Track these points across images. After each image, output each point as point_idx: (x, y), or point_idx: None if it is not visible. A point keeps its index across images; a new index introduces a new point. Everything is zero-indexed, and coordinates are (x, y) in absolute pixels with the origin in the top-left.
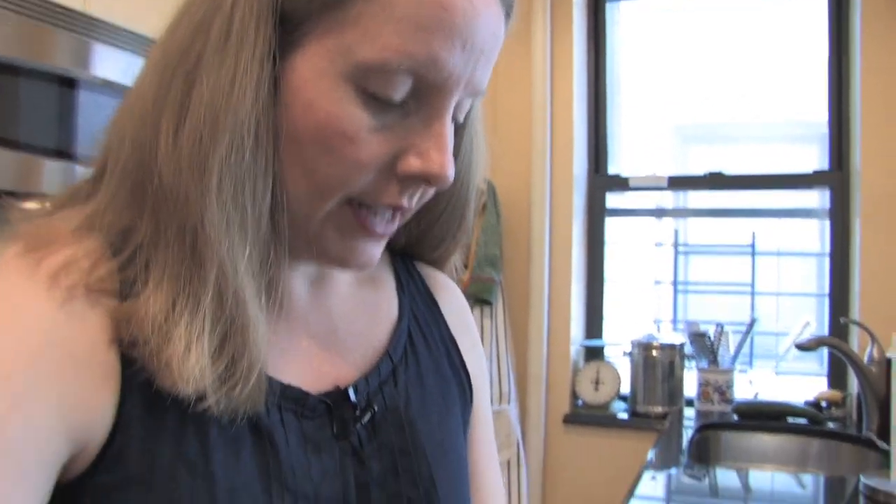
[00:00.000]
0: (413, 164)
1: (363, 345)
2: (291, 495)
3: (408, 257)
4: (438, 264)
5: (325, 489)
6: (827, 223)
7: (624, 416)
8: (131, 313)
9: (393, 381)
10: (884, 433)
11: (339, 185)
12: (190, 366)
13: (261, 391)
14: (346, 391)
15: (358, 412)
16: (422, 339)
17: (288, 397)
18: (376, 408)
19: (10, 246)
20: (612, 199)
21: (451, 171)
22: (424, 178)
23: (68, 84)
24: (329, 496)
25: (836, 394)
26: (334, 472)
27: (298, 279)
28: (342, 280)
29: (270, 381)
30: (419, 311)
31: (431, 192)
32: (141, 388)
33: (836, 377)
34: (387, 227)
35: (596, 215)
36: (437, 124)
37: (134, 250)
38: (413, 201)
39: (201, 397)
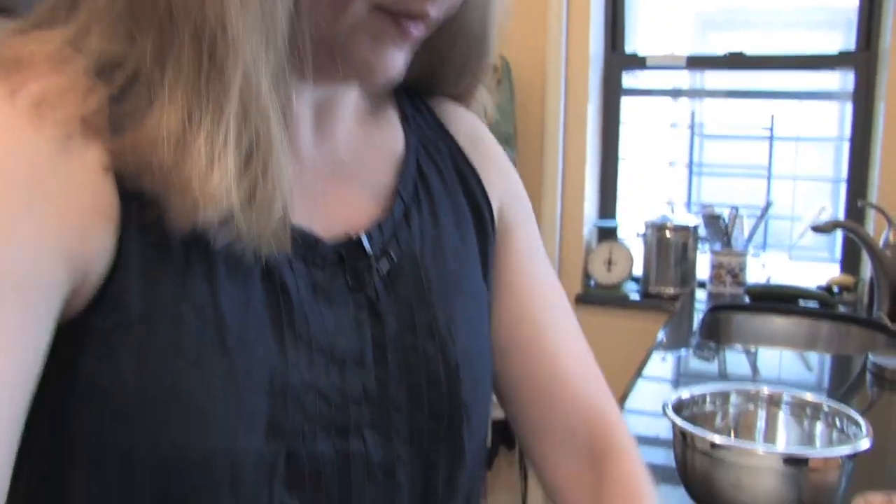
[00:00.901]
0: None
1: (372, 185)
2: (306, 346)
3: (416, 94)
4: (463, 101)
5: (340, 343)
6: (849, 106)
7: (636, 297)
8: (136, 139)
9: (406, 225)
10: (894, 315)
11: None
12: (214, 183)
13: (285, 227)
14: (359, 240)
15: (373, 262)
16: (434, 171)
17: (297, 242)
18: (393, 255)
19: None
20: (629, 79)
21: None
22: None
23: None
24: (345, 351)
25: (849, 278)
26: (349, 327)
27: (303, 106)
28: (346, 113)
29: None
30: (429, 143)
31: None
32: (144, 227)
33: (849, 263)
34: (417, 28)
35: (611, 94)
36: None
37: (129, 78)
38: (440, 9)
39: (226, 221)
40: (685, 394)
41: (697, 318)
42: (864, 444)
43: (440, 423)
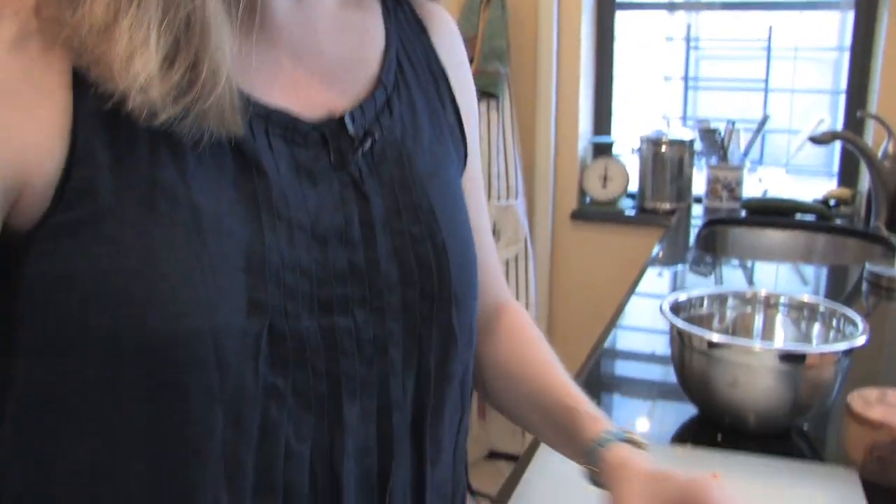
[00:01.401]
0: None
1: (353, 70)
2: (285, 224)
3: None
4: None
5: (323, 221)
6: (850, 15)
7: (631, 212)
8: (74, 27)
9: (388, 111)
10: (891, 225)
11: None
12: (134, 72)
13: (232, 107)
14: (341, 120)
15: (356, 142)
16: (411, 68)
17: (275, 122)
18: (375, 137)
19: None
20: None
21: None
22: None
23: None
24: (328, 228)
25: (846, 192)
26: (333, 205)
27: None
28: None
29: (253, 102)
30: (407, 40)
31: None
32: (104, 117)
33: (847, 177)
34: None
35: (606, 8)
36: None
37: None
38: None
39: (153, 111)
40: (682, 296)
41: (693, 233)
42: (861, 340)
43: (431, 304)
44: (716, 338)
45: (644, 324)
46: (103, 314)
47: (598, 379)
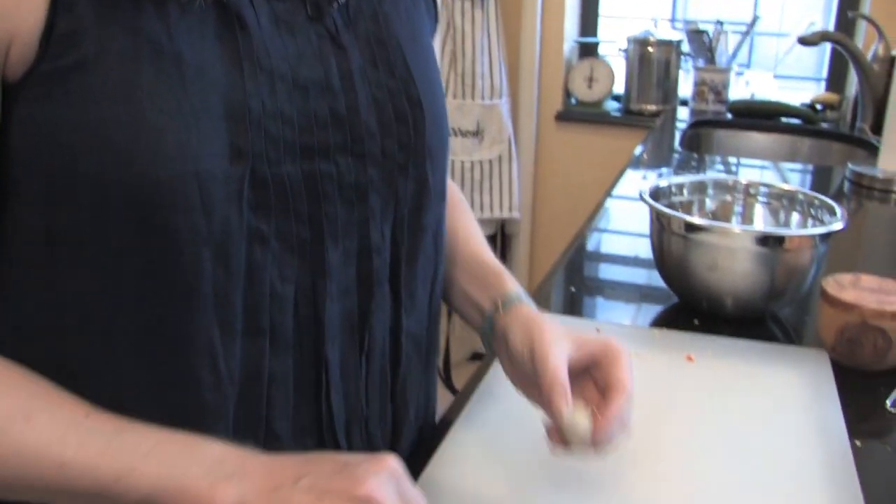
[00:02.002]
0: None
1: None
2: (267, 74)
3: None
4: None
5: (303, 71)
6: None
7: (617, 114)
8: None
9: None
10: (876, 128)
11: None
12: None
13: None
14: None
15: None
16: None
17: None
18: None
19: None
20: None
21: None
22: None
23: None
24: (308, 78)
25: (833, 96)
26: (312, 55)
27: None
28: None
29: None
30: None
31: None
32: None
33: (835, 82)
34: None
35: None
36: None
37: None
38: None
39: None
40: (663, 182)
41: (678, 136)
42: (838, 225)
43: (407, 155)
44: (694, 220)
45: (625, 225)
46: (90, 161)
47: (577, 277)
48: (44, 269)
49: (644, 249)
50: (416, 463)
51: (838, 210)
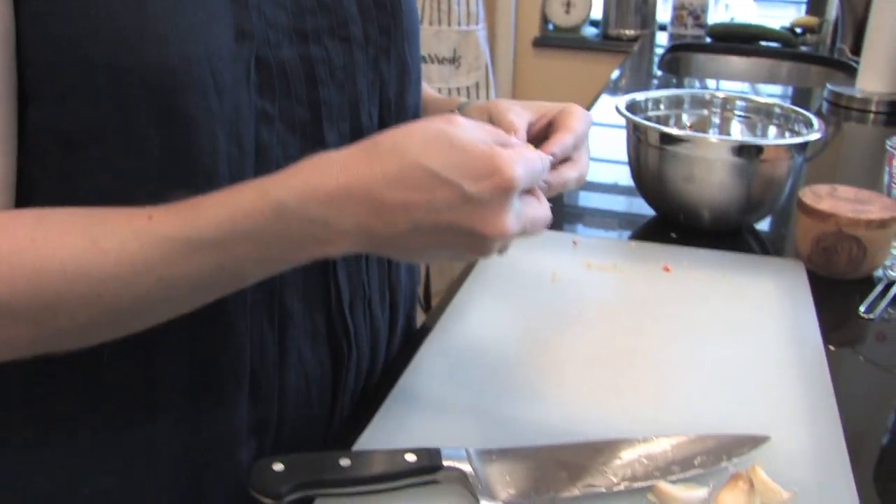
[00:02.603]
0: None
1: None
2: None
3: None
4: None
5: None
6: None
7: (595, 40)
8: None
9: None
10: (856, 50)
11: None
12: None
13: None
14: None
15: None
16: None
17: None
18: None
19: None
20: None
21: None
22: None
23: None
24: None
25: (813, 20)
26: None
27: None
28: None
29: None
30: None
31: None
32: None
33: (815, 4)
34: None
35: None
36: None
37: None
38: None
39: None
40: (639, 96)
41: (657, 61)
42: (815, 135)
43: (389, 38)
44: (671, 131)
45: (603, 152)
46: (102, 51)
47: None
48: (68, 175)
49: (623, 176)
50: (395, 369)
51: (815, 122)
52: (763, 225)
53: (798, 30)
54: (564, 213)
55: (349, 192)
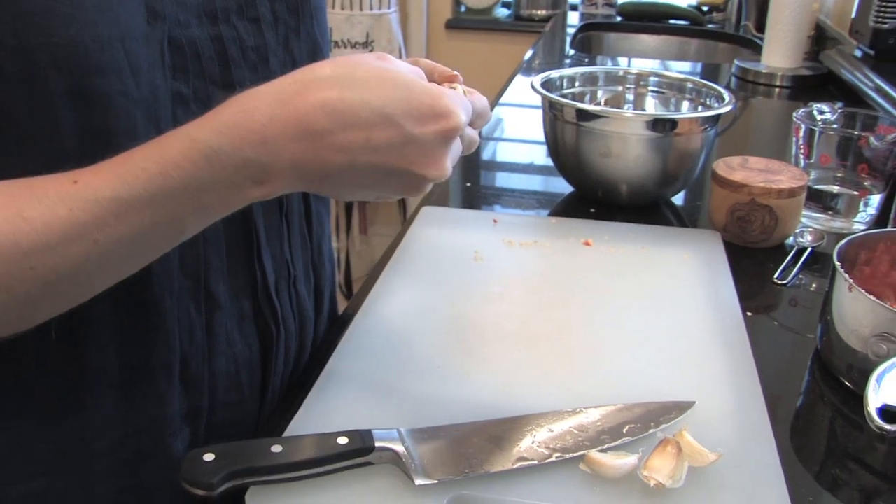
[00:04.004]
0: None
1: None
2: None
3: None
4: None
5: None
6: None
7: (507, 20)
8: None
9: None
10: (760, 27)
11: None
12: None
13: None
14: None
15: None
16: None
17: None
18: None
19: None
20: None
21: None
22: None
23: None
24: None
25: None
26: None
27: None
28: None
29: None
30: None
31: None
32: None
33: None
34: None
35: None
36: None
37: None
38: None
39: None
40: (554, 74)
41: (569, 40)
42: (727, 108)
43: (297, 17)
44: (587, 107)
45: (519, 133)
46: (8, 27)
47: (472, 177)
48: None
49: (540, 156)
50: (323, 353)
51: (726, 95)
52: (679, 199)
53: (705, 7)
54: (484, 194)
55: (284, 128)
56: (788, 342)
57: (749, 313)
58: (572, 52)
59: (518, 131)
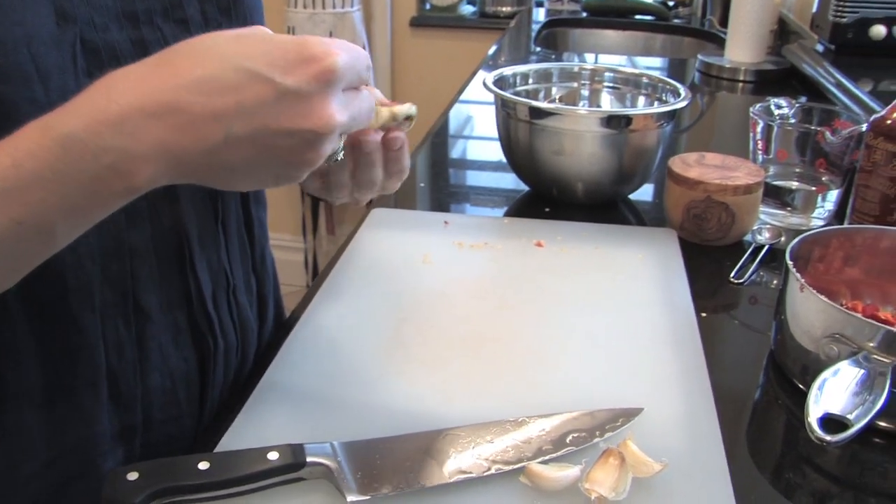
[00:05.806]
0: None
1: None
2: None
3: None
4: None
5: None
6: None
7: (472, 18)
8: None
9: None
10: (724, 21)
11: None
12: None
13: None
14: None
15: None
16: None
17: None
18: None
19: None
20: None
21: None
22: None
23: None
24: None
25: None
26: None
27: None
28: None
29: None
30: None
31: None
32: None
33: None
34: None
35: None
36: None
37: None
38: None
39: None
40: (507, 71)
41: (534, 36)
42: (683, 103)
43: (229, 17)
44: (540, 105)
45: (480, 129)
46: None
47: (432, 177)
48: None
49: (495, 153)
50: (266, 361)
51: (682, 90)
52: (639, 195)
53: (670, 3)
54: (437, 193)
55: (143, 108)
56: (744, 343)
57: (704, 314)
58: (537, 49)
59: (479, 129)
